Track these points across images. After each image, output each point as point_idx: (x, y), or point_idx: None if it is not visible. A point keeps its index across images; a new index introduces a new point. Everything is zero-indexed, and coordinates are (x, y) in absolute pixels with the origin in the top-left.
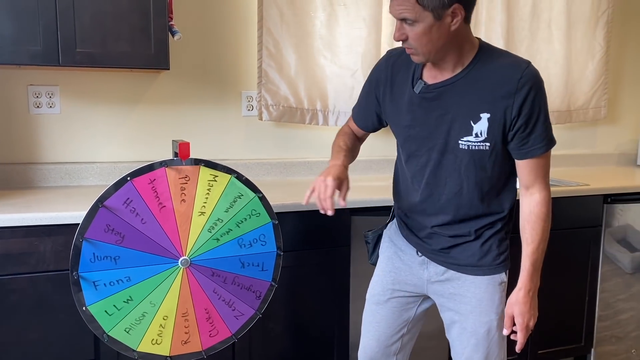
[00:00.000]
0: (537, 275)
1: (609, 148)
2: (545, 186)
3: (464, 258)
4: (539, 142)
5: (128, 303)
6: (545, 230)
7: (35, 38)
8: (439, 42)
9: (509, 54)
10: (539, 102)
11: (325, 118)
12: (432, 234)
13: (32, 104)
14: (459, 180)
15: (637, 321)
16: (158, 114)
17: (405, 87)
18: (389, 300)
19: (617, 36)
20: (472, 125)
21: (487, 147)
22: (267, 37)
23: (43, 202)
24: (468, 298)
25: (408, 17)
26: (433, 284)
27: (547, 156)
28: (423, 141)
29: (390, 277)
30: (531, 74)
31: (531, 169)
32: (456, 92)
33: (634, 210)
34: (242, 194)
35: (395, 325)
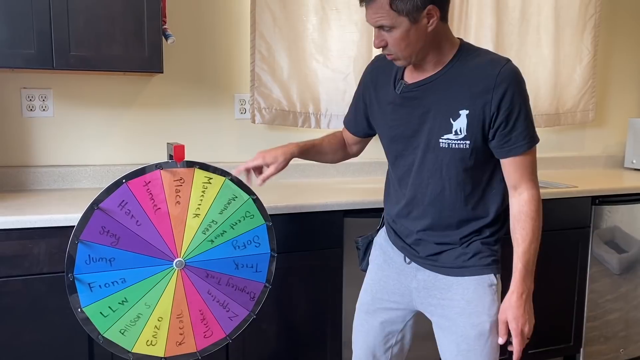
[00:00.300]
0: (530, 277)
1: (596, 150)
2: (532, 184)
3: (451, 261)
4: (521, 139)
5: (123, 304)
6: (536, 230)
7: (30, 42)
8: (418, 44)
9: (489, 53)
10: (518, 98)
11: (317, 121)
12: (418, 240)
13: (25, 107)
14: (441, 180)
15: (625, 321)
16: (151, 117)
17: (388, 88)
18: (378, 310)
19: (604, 40)
20: (452, 123)
21: (467, 146)
22: (259, 41)
23: (36, 204)
24: (456, 301)
25: (385, 24)
26: (420, 292)
27: (531, 154)
28: (408, 140)
29: (378, 285)
30: (509, 71)
31: (516, 167)
32: (435, 89)
33: (621, 212)
34: (236, 196)
35: (383, 336)
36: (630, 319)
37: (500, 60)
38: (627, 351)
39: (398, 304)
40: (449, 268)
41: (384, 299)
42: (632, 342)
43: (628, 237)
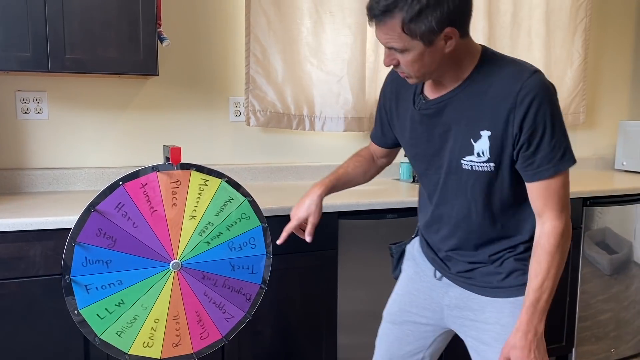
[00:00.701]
0: (540, 316)
1: (587, 152)
2: (557, 215)
3: (484, 279)
4: (546, 162)
5: (120, 306)
6: (551, 267)
7: (25, 44)
8: (432, 66)
9: (514, 62)
10: (543, 116)
11: (312, 124)
12: (448, 256)
13: (20, 110)
14: (467, 202)
15: (616, 321)
16: (146, 120)
17: (408, 103)
18: (405, 322)
19: (595, 44)
20: (473, 144)
21: (491, 168)
22: (254, 44)
23: (32, 207)
24: (491, 325)
25: (396, 47)
26: (452, 310)
27: (559, 179)
28: (431, 159)
29: (408, 298)
30: (533, 85)
31: (539, 193)
32: (455, 107)
33: (612, 213)
34: (233, 198)
35: (408, 349)
36: (621, 319)
37: (524, 73)
38: (618, 351)
39: (428, 319)
40: (482, 287)
41: (412, 312)
42: (623, 342)
43: (619, 238)
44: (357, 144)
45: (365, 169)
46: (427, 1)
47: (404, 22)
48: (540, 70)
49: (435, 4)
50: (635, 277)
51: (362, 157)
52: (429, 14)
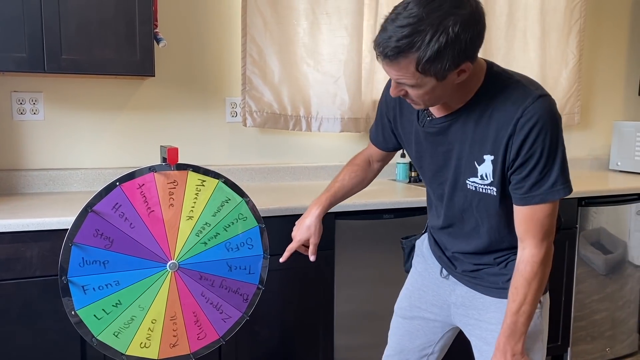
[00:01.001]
0: (518, 337)
1: (582, 153)
2: (537, 243)
3: (489, 279)
4: (536, 189)
5: (117, 307)
6: (528, 293)
7: (21, 45)
8: (444, 95)
9: (518, 84)
10: (541, 143)
11: (308, 124)
12: (455, 257)
13: (16, 111)
14: (474, 218)
15: (611, 321)
16: (142, 121)
17: (412, 116)
18: (415, 317)
19: (589, 44)
20: (477, 167)
21: (494, 192)
22: (250, 45)
23: (28, 208)
24: (494, 325)
25: (407, 83)
26: (459, 308)
27: (545, 209)
28: (435, 174)
29: (417, 294)
30: (534, 111)
31: (524, 218)
32: (459, 127)
33: (606, 213)
34: (230, 198)
35: (418, 343)
36: (616, 319)
37: (527, 98)
38: (614, 350)
39: (436, 316)
40: (487, 287)
41: (422, 308)
42: (618, 342)
43: (613, 238)
44: (353, 145)
45: (361, 178)
46: (445, 41)
47: (420, 63)
48: (547, 94)
49: (453, 43)
50: (629, 277)
51: (357, 166)
52: (446, 54)
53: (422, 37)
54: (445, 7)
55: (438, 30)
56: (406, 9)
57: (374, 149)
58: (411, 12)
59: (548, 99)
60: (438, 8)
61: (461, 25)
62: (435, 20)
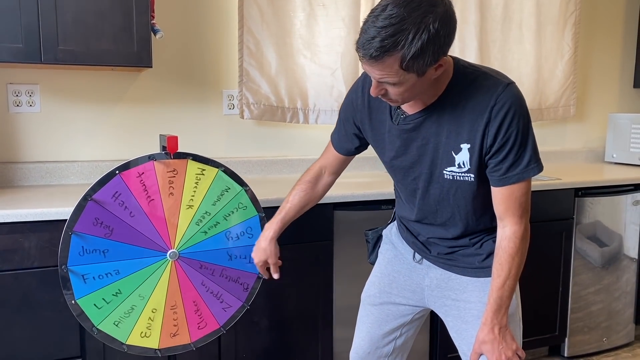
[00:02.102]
0: (504, 311)
1: (577, 145)
2: (517, 220)
3: (465, 260)
4: (512, 170)
5: (117, 296)
6: (512, 268)
7: (17, 36)
8: (422, 91)
9: (485, 75)
10: (515, 127)
11: (305, 116)
12: (429, 241)
13: (12, 103)
14: (450, 207)
15: (608, 312)
16: (139, 113)
17: (384, 115)
18: (384, 303)
19: (585, 37)
20: (454, 156)
21: (472, 179)
22: (247, 37)
23: (25, 200)
24: (473, 303)
25: (390, 82)
26: (433, 290)
27: (522, 187)
28: (407, 171)
29: (387, 279)
30: (506, 98)
31: (503, 199)
32: (434, 121)
33: (603, 203)
34: (229, 188)
35: (388, 328)
36: (612, 310)
37: (497, 86)
38: (610, 340)
39: (408, 300)
40: (463, 268)
41: (393, 293)
42: (614, 332)
43: (609, 231)
44: None
45: (310, 195)
46: (427, 37)
47: (404, 60)
48: (513, 82)
49: (434, 38)
50: (625, 269)
51: (306, 184)
52: (428, 50)
53: (406, 35)
54: (423, 6)
55: (420, 28)
56: (385, 11)
57: (330, 159)
58: (391, 13)
59: (515, 86)
60: (417, 7)
61: (440, 22)
62: (417, 19)
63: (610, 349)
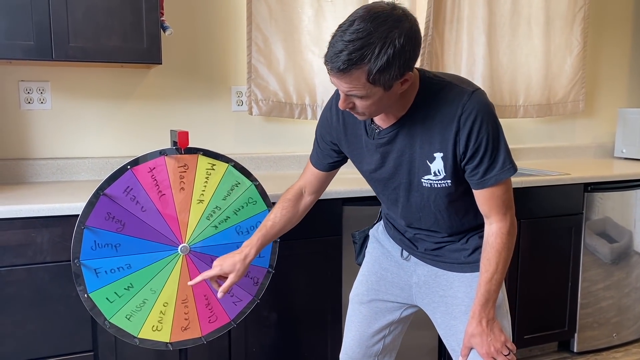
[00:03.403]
0: (491, 305)
1: (586, 140)
2: (501, 217)
3: (451, 256)
4: (489, 172)
5: (129, 290)
6: (499, 262)
7: (28, 33)
8: (388, 105)
9: (450, 85)
10: (485, 132)
11: (313, 112)
12: (416, 238)
13: (23, 100)
14: (432, 213)
15: (618, 308)
16: (149, 109)
17: (359, 130)
18: (373, 301)
19: (593, 32)
20: (429, 165)
21: (449, 184)
22: (256, 33)
23: (37, 195)
24: (460, 299)
25: (357, 95)
26: (421, 287)
27: (501, 187)
28: (387, 182)
29: (375, 277)
30: (472, 106)
31: (485, 199)
32: (406, 133)
33: (613, 199)
34: (239, 182)
35: (376, 326)
36: (622, 306)
37: (463, 95)
38: (620, 336)
39: (396, 297)
40: (450, 263)
41: (381, 291)
42: (625, 328)
43: (619, 227)
44: None
45: (292, 214)
46: (392, 52)
47: (370, 74)
48: (479, 89)
49: (399, 53)
50: (635, 265)
51: (288, 202)
52: (394, 64)
53: (372, 49)
54: (389, 22)
55: (386, 42)
56: (352, 26)
57: (310, 178)
58: (358, 28)
59: (480, 92)
60: (383, 23)
61: (405, 37)
62: (383, 34)
63: (620, 344)
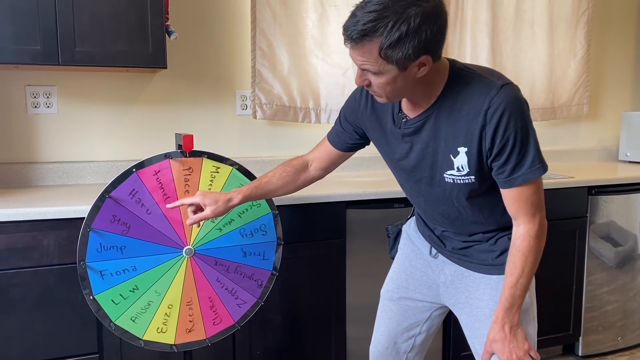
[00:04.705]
0: (516, 310)
1: (591, 143)
2: (529, 219)
3: (478, 256)
4: (517, 171)
5: (134, 292)
6: (525, 266)
7: (35, 38)
8: (404, 89)
9: (480, 78)
10: (513, 128)
11: (317, 116)
12: (444, 235)
13: (30, 104)
14: (455, 208)
15: (623, 311)
16: (154, 113)
17: (387, 118)
18: (402, 299)
19: (597, 35)
20: (452, 159)
21: (472, 180)
22: (260, 38)
23: (43, 199)
24: (485, 302)
25: (370, 69)
26: (448, 287)
27: (530, 186)
28: (409, 174)
29: (405, 275)
30: (500, 100)
31: (512, 199)
32: (432, 125)
33: (617, 202)
34: (243, 185)
35: (406, 324)
36: (627, 310)
37: (491, 88)
38: (625, 340)
39: (424, 296)
40: (477, 264)
41: (410, 289)
42: (630, 331)
43: (623, 231)
44: None
45: (291, 179)
46: (406, 29)
47: (382, 48)
48: (510, 83)
49: (414, 32)
50: None
51: (291, 167)
52: (407, 42)
53: (386, 23)
54: None
55: (400, 18)
56: None
57: (322, 153)
58: (378, 1)
59: (511, 87)
60: None
61: (422, 17)
62: (399, 9)
63: (625, 348)
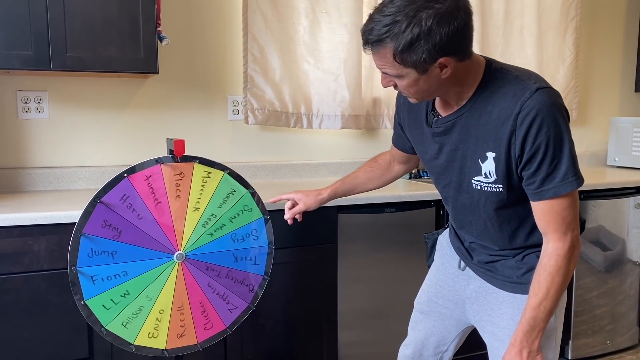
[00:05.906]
0: (537, 334)
1: (580, 149)
2: (560, 237)
3: (505, 272)
4: (548, 183)
5: (125, 297)
6: (551, 287)
7: (27, 43)
8: (431, 89)
9: (516, 80)
10: (545, 136)
11: (309, 121)
12: (472, 247)
13: (21, 109)
14: (482, 219)
15: (612, 315)
16: (146, 119)
17: (421, 117)
18: (432, 312)
19: (586, 42)
20: (480, 165)
21: (500, 189)
22: (252, 43)
23: (34, 204)
24: (506, 322)
25: (389, 73)
26: (473, 303)
27: (562, 201)
28: (439, 176)
29: (434, 289)
30: (533, 105)
31: (542, 213)
32: (462, 126)
33: (605, 207)
34: (235, 190)
35: (433, 341)
36: (616, 313)
37: (525, 92)
38: (614, 343)
39: (451, 312)
40: (502, 281)
41: (438, 304)
42: (619, 335)
43: (612, 235)
44: (354, 141)
45: (377, 174)
46: (418, 33)
47: (395, 52)
48: (547, 87)
49: (427, 35)
50: (629, 272)
51: (376, 163)
52: (420, 46)
53: (398, 27)
54: (421, 1)
55: (412, 22)
56: (392, 1)
57: (395, 150)
58: (395, 3)
59: (547, 91)
60: (414, 1)
61: (435, 19)
62: (410, 12)
63: (615, 351)
